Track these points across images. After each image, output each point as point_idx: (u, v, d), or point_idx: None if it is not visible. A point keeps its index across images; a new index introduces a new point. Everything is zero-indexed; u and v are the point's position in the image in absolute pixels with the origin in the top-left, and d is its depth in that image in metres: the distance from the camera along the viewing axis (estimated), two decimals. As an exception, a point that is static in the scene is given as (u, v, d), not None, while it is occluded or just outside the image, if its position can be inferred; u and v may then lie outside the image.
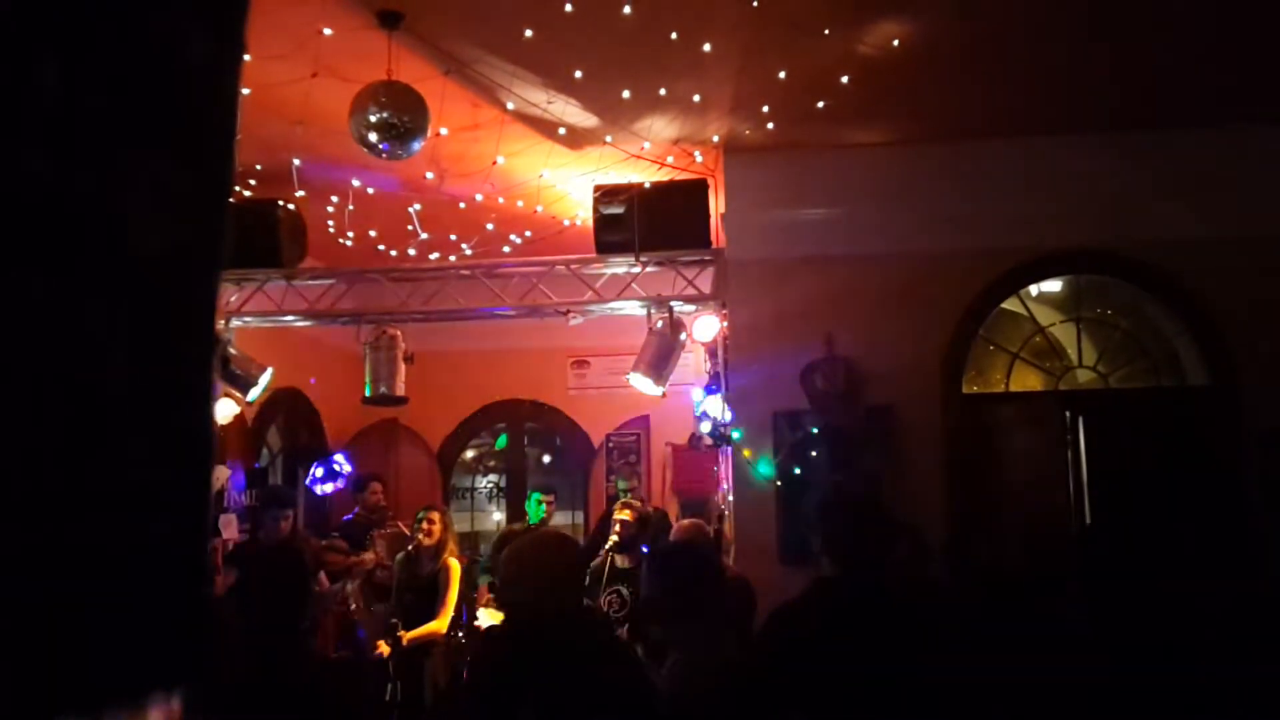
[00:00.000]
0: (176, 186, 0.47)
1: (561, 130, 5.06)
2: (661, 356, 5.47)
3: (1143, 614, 5.05)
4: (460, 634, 5.86)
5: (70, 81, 0.42)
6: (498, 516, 9.50)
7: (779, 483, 5.31)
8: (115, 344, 0.44)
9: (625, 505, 5.59)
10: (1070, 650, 4.36)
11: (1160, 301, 5.52)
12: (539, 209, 5.82)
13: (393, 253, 6.32)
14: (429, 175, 5.35)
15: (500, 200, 5.72)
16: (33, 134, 0.41)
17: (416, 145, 4.16)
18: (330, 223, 6.06)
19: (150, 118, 0.45)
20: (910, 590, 2.95)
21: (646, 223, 5.38)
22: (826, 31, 4.12)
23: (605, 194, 5.49)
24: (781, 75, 4.53)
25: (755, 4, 3.85)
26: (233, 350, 5.77)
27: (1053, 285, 5.79)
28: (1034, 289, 5.70)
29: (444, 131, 4.70)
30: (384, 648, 5.20)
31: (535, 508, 7.15)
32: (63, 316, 0.42)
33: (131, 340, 0.45)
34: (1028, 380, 5.72)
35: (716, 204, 5.64)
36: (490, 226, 5.96)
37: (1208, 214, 5.31)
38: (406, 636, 5.20)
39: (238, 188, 5.44)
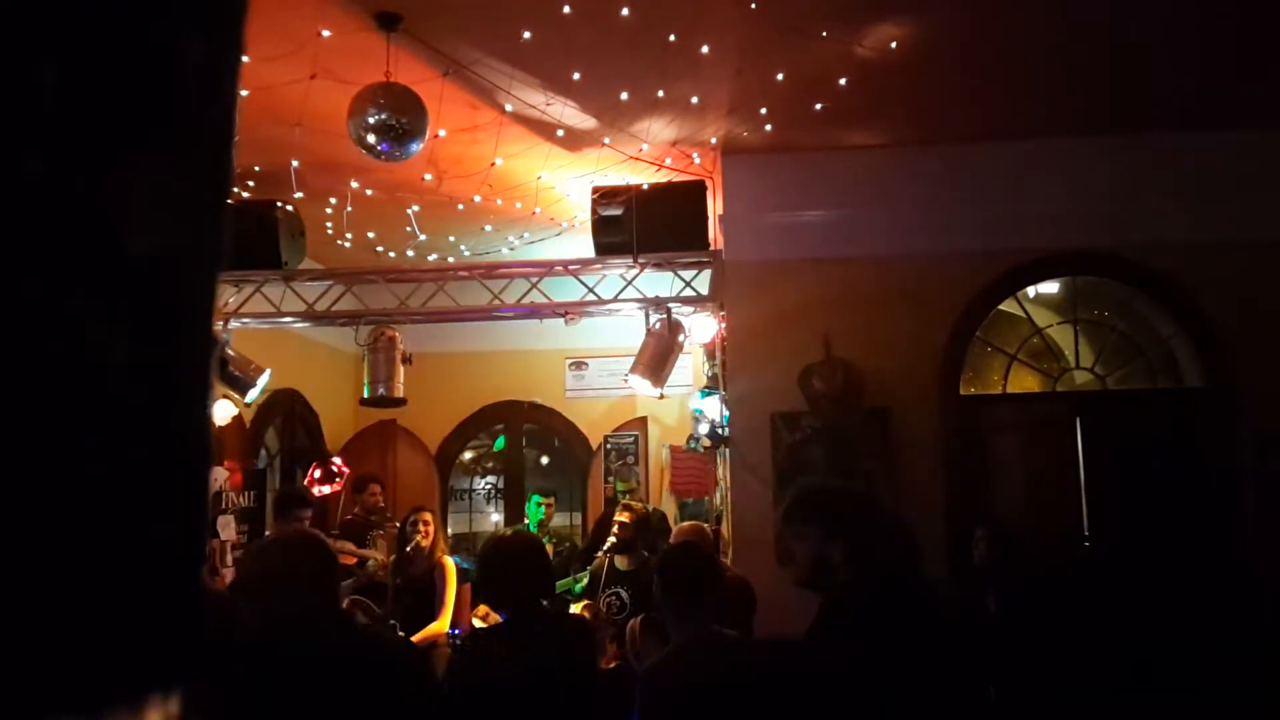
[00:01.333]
0: (174, 188, 0.47)
1: (560, 132, 5.06)
2: (659, 358, 5.47)
3: (1139, 613, 5.06)
4: (458, 633, 5.85)
5: (69, 82, 0.42)
6: (496, 518, 9.50)
7: (777, 484, 5.31)
8: (113, 345, 0.44)
9: (625, 507, 5.58)
10: (1069, 647, 4.36)
11: (1157, 303, 5.54)
12: (537, 210, 5.83)
13: (391, 254, 6.33)
14: (427, 177, 5.36)
15: (498, 202, 5.73)
16: (31, 134, 0.41)
17: (415, 147, 4.15)
18: (329, 224, 6.07)
19: (148, 119, 0.46)
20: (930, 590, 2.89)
21: (644, 224, 5.37)
22: (824, 34, 4.12)
23: (603, 196, 5.49)
24: (779, 77, 4.53)
25: (753, 6, 3.86)
26: (231, 352, 5.77)
27: (1050, 287, 5.80)
28: (1031, 290, 5.71)
29: (442, 133, 4.70)
30: None
31: (534, 509, 7.15)
32: (60, 318, 0.42)
33: (129, 342, 0.45)
34: (1025, 382, 5.72)
35: (714, 206, 5.64)
36: (488, 228, 5.97)
37: (1204, 217, 5.32)
38: (406, 640, 5.19)
39: (236, 189, 5.43)
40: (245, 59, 0.51)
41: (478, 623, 5.54)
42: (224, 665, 2.07)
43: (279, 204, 5.62)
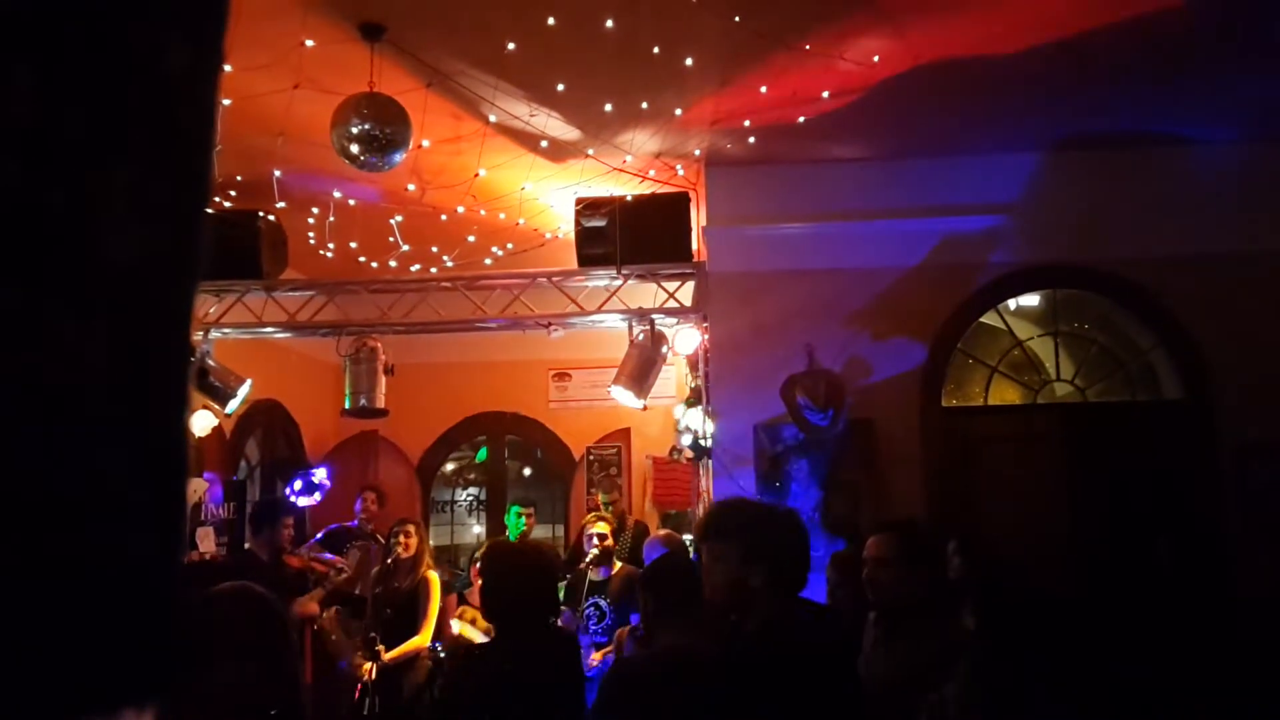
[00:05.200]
0: (153, 196, 0.47)
1: (543, 143, 5.07)
2: (643, 369, 5.47)
3: (1122, 624, 5.08)
4: (440, 647, 5.81)
5: (45, 89, 0.41)
6: (478, 529, 9.46)
7: (759, 495, 5.31)
8: (89, 355, 0.44)
9: (599, 518, 5.59)
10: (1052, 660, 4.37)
11: (1135, 316, 5.58)
12: (521, 221, 5.82)
13: (373, 264, 6.30)
14: (410, 187, 5.35)
15: (482, 212, 5.72)
16: (7, 139, 0.40)
17: (398, 157, 4.15)
18: (311, 234, 6.04)
19: (127, 123, 0.45)
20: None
21: (628, 236, 5.39)
22: (807, 47, 4.14)
23: (587, 207, 5.50)
24: (763, 90, 4.55)
25: (737, 19, 3.88)
26: (211, 362, 5.73)
27: (1030, 299, 5.84)
28: (1012, 303, 5.75)
29: (426, 144, 4.70)
30: (365, 668, 5.12)
31: (514, 520, 7.11)
32: (36, 327, 0.42)
33: (106, 352, 0.45)
34: (1006, 394, 5.75)
35: (698, 217, 5.66)
36: (471, 239, 5.95)
37: (1182, 231, 5.38)
38: (386, 655, 5.14)
39: (218, 199, 5.42)
40: (228, 68, 0.50)
41: (459, 624, 5.50)
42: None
43: (261, 213, 5.60)
